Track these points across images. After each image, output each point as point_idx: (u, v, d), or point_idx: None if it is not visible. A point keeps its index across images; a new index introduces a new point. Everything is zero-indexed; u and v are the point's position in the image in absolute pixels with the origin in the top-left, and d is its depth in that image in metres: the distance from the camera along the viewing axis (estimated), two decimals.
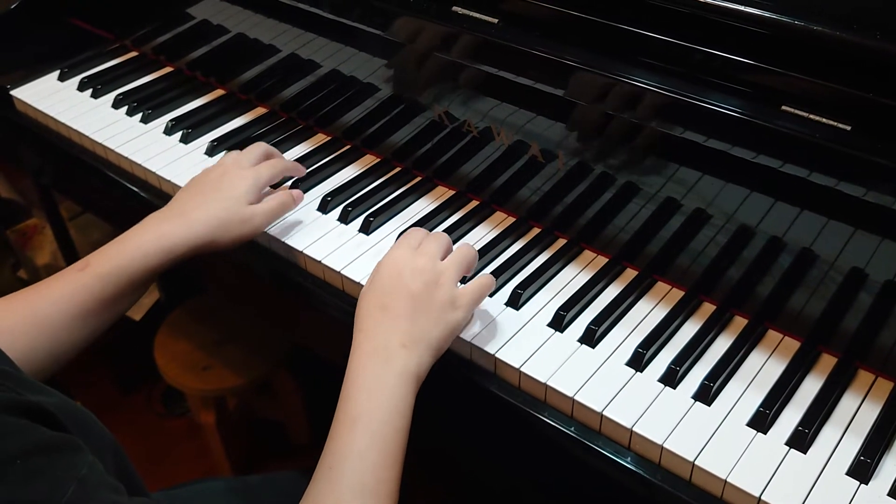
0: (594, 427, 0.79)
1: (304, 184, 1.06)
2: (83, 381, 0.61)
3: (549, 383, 0.80)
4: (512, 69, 0.90)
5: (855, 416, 0.78)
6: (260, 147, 1.00)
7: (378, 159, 1.12)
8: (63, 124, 1.21)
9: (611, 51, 0.84)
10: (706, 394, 0.79)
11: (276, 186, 1.02)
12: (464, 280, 0.87)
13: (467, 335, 0.85)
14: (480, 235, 1.00)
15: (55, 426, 0.59)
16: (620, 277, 0.93)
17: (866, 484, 0.72)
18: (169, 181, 1.09)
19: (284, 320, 1.19)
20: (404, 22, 0.97)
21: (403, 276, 0.80)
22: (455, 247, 0.86)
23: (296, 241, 0.98)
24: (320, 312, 0.98)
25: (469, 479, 1.33)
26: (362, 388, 0.74)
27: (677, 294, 0.90)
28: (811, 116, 0.74)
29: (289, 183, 1.06)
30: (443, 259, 0.83)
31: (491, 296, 0.89)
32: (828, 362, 0.83)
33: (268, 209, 0.94)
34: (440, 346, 0.79)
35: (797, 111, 0.74)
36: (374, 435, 0.71)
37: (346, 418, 0.72)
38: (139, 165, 1.12)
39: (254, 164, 0.97)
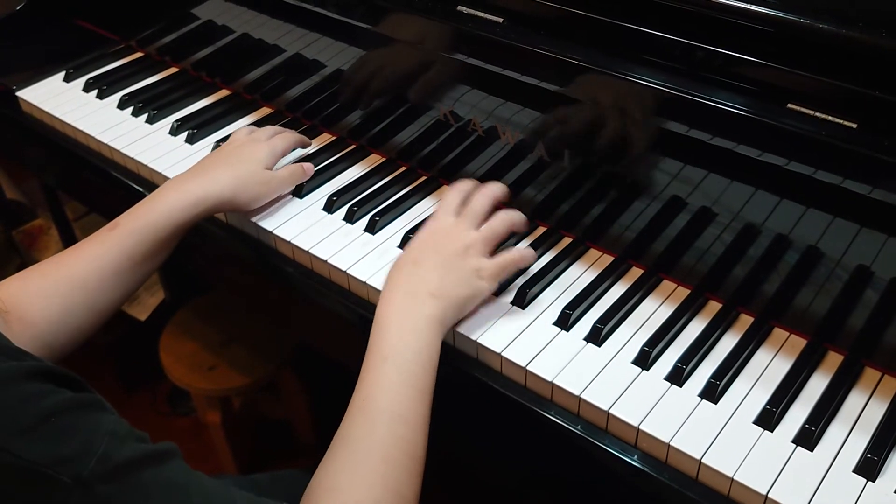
0: (601, 425, 0.79)
1: (310, 183, 1.06)
2: (88, 379, 0.61)
3: (555, 382, 0.80)
4: (517, 68, 0.90)
5: (861, 413, 0.78)
6: (270, 127, 1.09)
7: (383, 159, 1.12)
8: (69, 125, 1.21)
9: (616, 49, 0.84)
10: (713, 392, 0.79)
11: None
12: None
13: (473, 334, 0.85)
14: None
15: (79, 389, 0.62)
16: (626, 276, 0.93)
17: (873, 482, 0.72)
18: None
19: (289, 319, 1.19)
20: (409, 21, 0.97)
21: (437, 238, 0.87)
22: (496, 215, 0.91)
23: (301, 240, 0.98)
24: (326, 311, 0.98)
25: (475, 479, 1.33)
26: (391, 328, 0.79)
27: (683, 292, 0.90)
28: (817, 114, 0.74)
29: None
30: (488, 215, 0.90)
31: (496, 294, 0.89)
32: (834, 360, 0.83)
33: (283, 175, 1.02)
34: (464, 305, 0.84)
35: (803, 109, 0.74)
36: (402, 370, 0.76)
37: (377, 357, 0.77)
38: (145, 166, 1.13)
39: (267, 139, 1.04)
